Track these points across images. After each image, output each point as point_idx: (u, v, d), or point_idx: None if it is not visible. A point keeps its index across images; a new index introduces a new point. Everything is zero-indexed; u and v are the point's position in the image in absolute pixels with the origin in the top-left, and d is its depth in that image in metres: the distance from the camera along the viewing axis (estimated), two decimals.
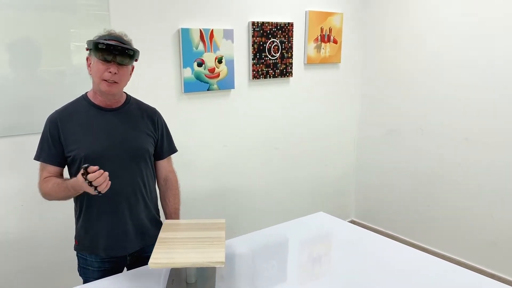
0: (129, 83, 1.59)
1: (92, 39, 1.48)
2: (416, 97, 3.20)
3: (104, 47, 1.42)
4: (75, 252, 1.66)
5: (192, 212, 2.72)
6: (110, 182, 1.34)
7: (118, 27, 2.13)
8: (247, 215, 3.06)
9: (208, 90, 2.65)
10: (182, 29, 2.47)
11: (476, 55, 2.80)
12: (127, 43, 1.51)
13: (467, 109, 2.89)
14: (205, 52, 2.59)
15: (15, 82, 2.02)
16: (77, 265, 1.68)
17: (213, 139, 2.79)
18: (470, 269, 1.56)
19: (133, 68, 1.59)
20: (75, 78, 2.17)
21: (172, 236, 1.47)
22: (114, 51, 1.43)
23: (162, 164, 1.74)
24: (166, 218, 1.77)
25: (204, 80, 2.62)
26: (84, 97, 1.58)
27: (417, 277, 1.49)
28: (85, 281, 1.63)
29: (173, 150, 1.78)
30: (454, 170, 3.03)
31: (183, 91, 2.56)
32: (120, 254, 1.62)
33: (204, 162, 2.77)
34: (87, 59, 1.51)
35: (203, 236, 1.46)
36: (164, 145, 1.72)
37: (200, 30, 2.54)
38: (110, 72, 1.45)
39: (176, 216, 1.76)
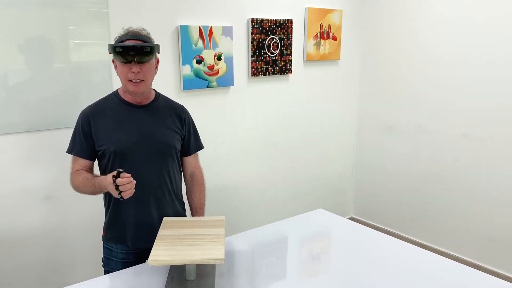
0: None
1: (112, 42, 1.51)
2: (415, 94, 3.20)
3: (121, 50, 1.45)
4: (102, 242, 1.70)
5: None
6: (134, 191, 1.39)
7: (117, 25, 2.13)
8: (247, 212, 3.07)
9: (207, 87, 2.65)
10: (181, 26, 2.47)
11: (475, 53, 2.80)
12: (145, 38, 1.54)
13: (466, 107, 2.89)
14: (204, 49, 2.58)
15: (12, 81, 2.02)
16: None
17: (212, 136, 2.78)
18: (468, 266, 1.57)
19: (158, 61, 1.61)
20: (74, 76, 2.16)
21: (171, 233, 1.47)
22: (131, 52, 1.46)
23: (188, 160, 1.79)
24: (192, 213, 1.82)
25: (203, 77, 2.62)
26: (116, 94, 1.63)
27: (416, 273, 1.49)
28: (106, 272, 1.66)
29: (200, 147, 1.83)
30: (452, 168, 3.03)
31: (182, 89, 2.55)
32: (145, 246, 1.65)
33: (203, 159, 2.76)
34: (113, 61, 1.56)
35: (202, 233, 1.46)
36: (191, 142, 1.77)
37: (199, 27, 2.54)
38: (133, 72, 1.48)
39: (201, 212, 1.81)
